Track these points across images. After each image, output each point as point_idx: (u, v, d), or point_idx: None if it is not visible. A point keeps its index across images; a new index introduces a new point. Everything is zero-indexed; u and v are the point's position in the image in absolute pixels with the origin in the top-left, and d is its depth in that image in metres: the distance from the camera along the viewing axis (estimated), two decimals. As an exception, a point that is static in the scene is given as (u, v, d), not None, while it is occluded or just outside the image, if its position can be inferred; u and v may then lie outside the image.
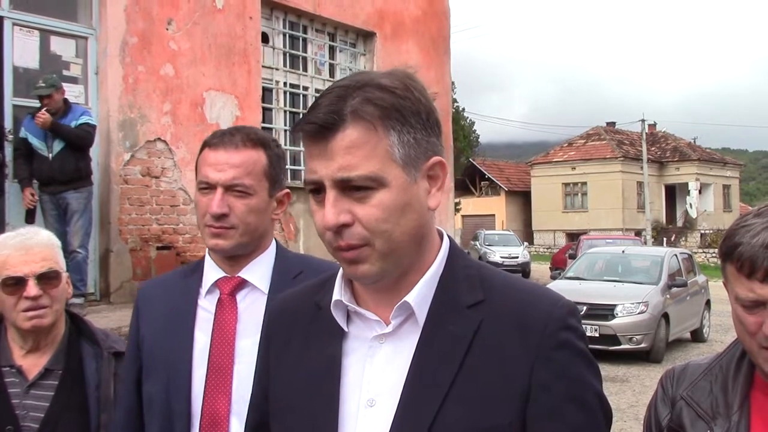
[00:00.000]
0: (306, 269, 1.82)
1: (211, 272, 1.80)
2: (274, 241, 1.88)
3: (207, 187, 1.74)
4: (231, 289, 1.77)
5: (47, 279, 2.05)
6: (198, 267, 1.85)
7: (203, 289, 1.80)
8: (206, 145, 1.78)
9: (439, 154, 1.18)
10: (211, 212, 1.71)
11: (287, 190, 1.87)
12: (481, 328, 1.15)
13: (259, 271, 1.80)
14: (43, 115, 6.46)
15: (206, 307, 1.78)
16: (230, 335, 1.73)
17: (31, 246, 2.06)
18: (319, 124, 1.11)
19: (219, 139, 1.76)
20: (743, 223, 1.42)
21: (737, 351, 1.55)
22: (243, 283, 1.78)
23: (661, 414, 1.62)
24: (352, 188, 1.11)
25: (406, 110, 1.13)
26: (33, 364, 2.09)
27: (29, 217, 6.67)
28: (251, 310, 1.76)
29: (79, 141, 6.66)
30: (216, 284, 1.79)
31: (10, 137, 7.05)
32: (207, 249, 1.82)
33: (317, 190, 1.14)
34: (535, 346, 1.13)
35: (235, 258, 1.78)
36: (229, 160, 1.73)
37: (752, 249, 1.37)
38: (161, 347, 1.76)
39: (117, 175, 7.81)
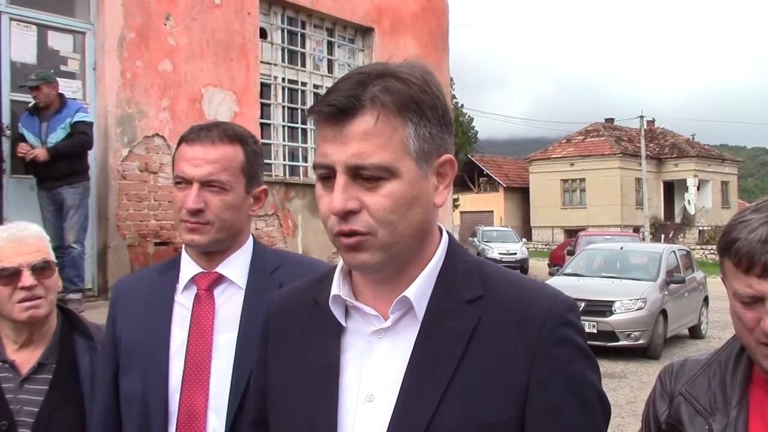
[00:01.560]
0: (284, 264, 1.82)
1: (188, 268, 1.79)
2: (251, 236, 1.87)
3: (183, 182, 1.73)
4: (208, 284, 1.76)
5: (41, 269, 2.05)
6: (175, 263, 1.84)
7: (180, 285, 1.79)
8: (183, 140, 1.77)
9: (451, 152, 1.18)
10: (187, 208, 1.70)
11: (264, 187, 1.86)
12: (480, 324, 1.15)
13: (236, 266, 1.79)
14: (34, 153, 6.53)
15: (183, 302, 1.76)
16: (208, 330, 1.72)
17: (23, 237, 2.06)
18: (337, 107, 1.10)
19: (196, 135, 1.75)
20: (741, 218, 1.42)
21: (736, 346, 1.55)
22: (220, 279, 1.77)
23: (660, 409, 1.62)
24: (363, 176, 1.10)
25: (424, 104, 1.13)
26: (26, 359, 2.09)
27: (27, 169, 6.81)
28: (228, 306, 1.75)
29: (81, 148, 6.74)
30: (193, 280, 1.77)
31: (8, 132, 7.05)
32: (183, 245, 1.81)
33: (326, 174, 1.13)
34: (534, 342, 1.13)
35: (211, 253, 1.77)
36: (205, 156, 1.71)
37: (750, 244, 1.37)
38: (138, 344, 1.75)
39: (115, 171, 7.79)
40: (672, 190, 46.52)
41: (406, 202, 1.11)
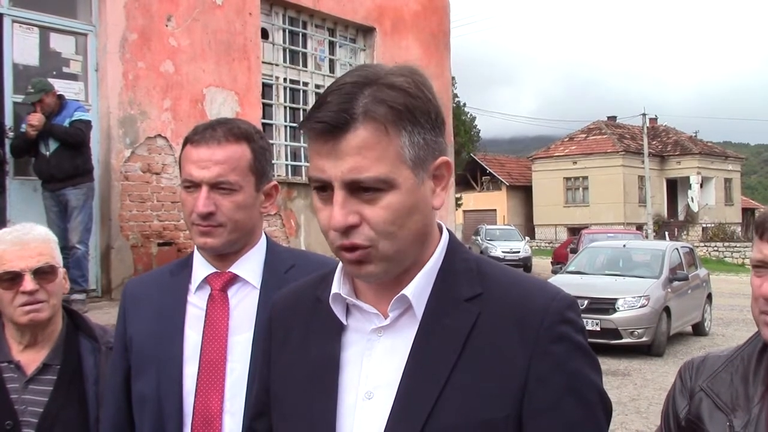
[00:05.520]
0: (298, 263, 1.79)
1: (201, 268, 1.76)
2: (264, 235, 1.84)
3: (192, 185, 1.69)
4: (222, 284, 1.73)
5: (43, 273, 2.05)
6: (186, 263, 1.81)
7: (193, 286, 1.76)
8: (188, 141, 1.72)
9: (445, 153, 1.18)
10: (198, 212, 1.67)
11: (275, 182, 1.82)
12: (479, 322, 1.15)
13: (250, 266, 1.76)
14: (35, 119, 6.54)
15: (196, 303, 1.74)
16: (222, 331, 1.69)
17: (27, 241, 2.06)
18: (329, 123, 1.08)
19: (201, 135, 1.70)
20: None
21: (759, 343, 1.53)
22: (234, 279, 1.74)
23: (679, 406, 1.60)
24: (360, 189, 1.09)
25: (417, 111, 1.11)
26: (31, 360, 2.10)
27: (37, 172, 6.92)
28: (243, 306, 1.72)
29: (71, 140, 6.68)
30: (206, 280, 1.74)
31: (11, 134, 7.06)
32: (195, 245, 1.78)
33: (323, 187, 1.12)
34: (532, 339, 1.12)
35: (225, 253, 1.74)
36: (212, 157, 1.67)
37: None
38: (151, 346, 1.72)
39: (118, 172, 7.81)
40: (675, 187, 46.43)
41: (405, 212, 1.11)
